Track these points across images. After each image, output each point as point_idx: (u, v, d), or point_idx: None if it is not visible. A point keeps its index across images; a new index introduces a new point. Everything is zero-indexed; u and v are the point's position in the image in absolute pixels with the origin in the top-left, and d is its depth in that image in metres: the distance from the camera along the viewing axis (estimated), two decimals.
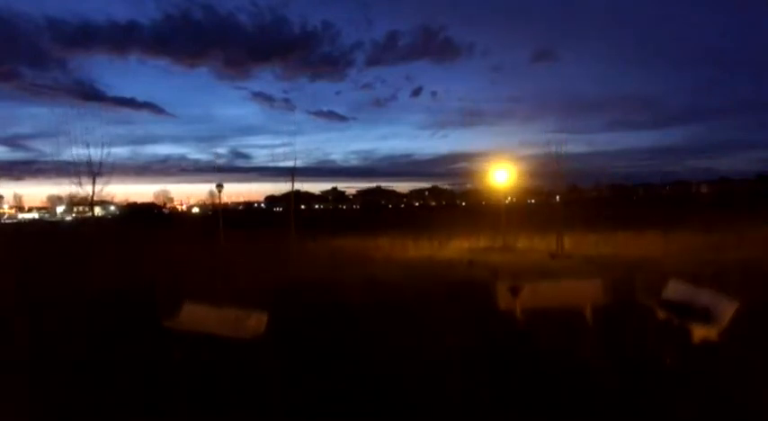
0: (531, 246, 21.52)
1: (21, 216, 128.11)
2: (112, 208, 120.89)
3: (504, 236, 21.84)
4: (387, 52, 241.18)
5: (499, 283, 8.09)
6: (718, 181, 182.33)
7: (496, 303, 7.89)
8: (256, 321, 7.76)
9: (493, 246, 21.60)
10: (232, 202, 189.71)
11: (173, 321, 8.14)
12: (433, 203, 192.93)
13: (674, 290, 7.33)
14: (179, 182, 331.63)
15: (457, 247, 22.54)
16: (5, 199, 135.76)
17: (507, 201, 23.37)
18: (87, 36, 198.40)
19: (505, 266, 14.48)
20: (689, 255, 16.21)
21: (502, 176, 22.77)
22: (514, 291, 7.98)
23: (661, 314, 7.16)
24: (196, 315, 8.27)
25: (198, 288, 11.62)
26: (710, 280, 10.90)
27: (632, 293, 9.36)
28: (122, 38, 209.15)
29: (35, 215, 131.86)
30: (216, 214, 54.28)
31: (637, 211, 50.09)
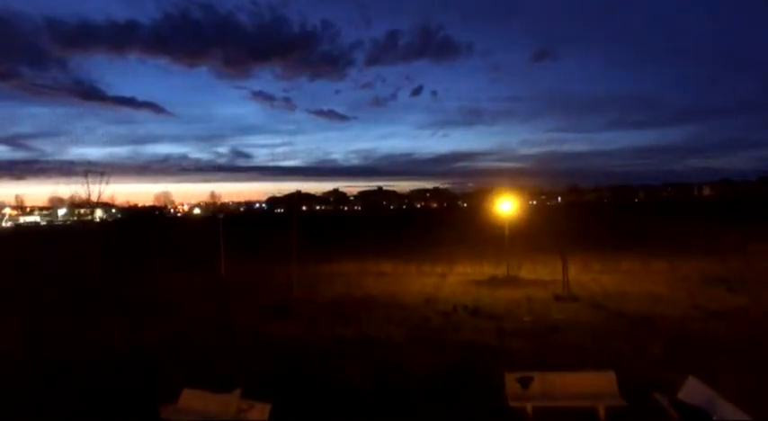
0: (536, 274, 21.29)
1: (22, 219, 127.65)
2: (113, 210, 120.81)
3: (509, 261, 21.55)
4: (386, 51, 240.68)
5: (507, 375, 7.80)
6: (720, 182, 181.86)
7: (505, 395, 7.60)
8: (259, 414, 7.50)
9: (496, 275, 21.31)
10: (233, 202, 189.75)
11: (170, 411, 7.88)
12: (435, 205, 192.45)
13: (692, 391, 7.00)
14: (179, 181, 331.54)
15: (461, 274, 22.34)
16: (7, 200, 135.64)
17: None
18: (87, 35, 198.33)
19: (509, 315, 14.21)
20: (697, 297, 15.96)
21: (507, 207, 22.44)
22: (524, 383, 7.71)
23: (674, 414, 6.86)
24: (196, 404, 7.98)
25: (198, 352, 11.38)
26: (724, 345, 10.71)
27: (646, 374, 9.11)
28: (122, 37, 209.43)
29: (36, 218, 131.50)
30: (216, 217, 54.80)
31: (639, 225, 49.71)
